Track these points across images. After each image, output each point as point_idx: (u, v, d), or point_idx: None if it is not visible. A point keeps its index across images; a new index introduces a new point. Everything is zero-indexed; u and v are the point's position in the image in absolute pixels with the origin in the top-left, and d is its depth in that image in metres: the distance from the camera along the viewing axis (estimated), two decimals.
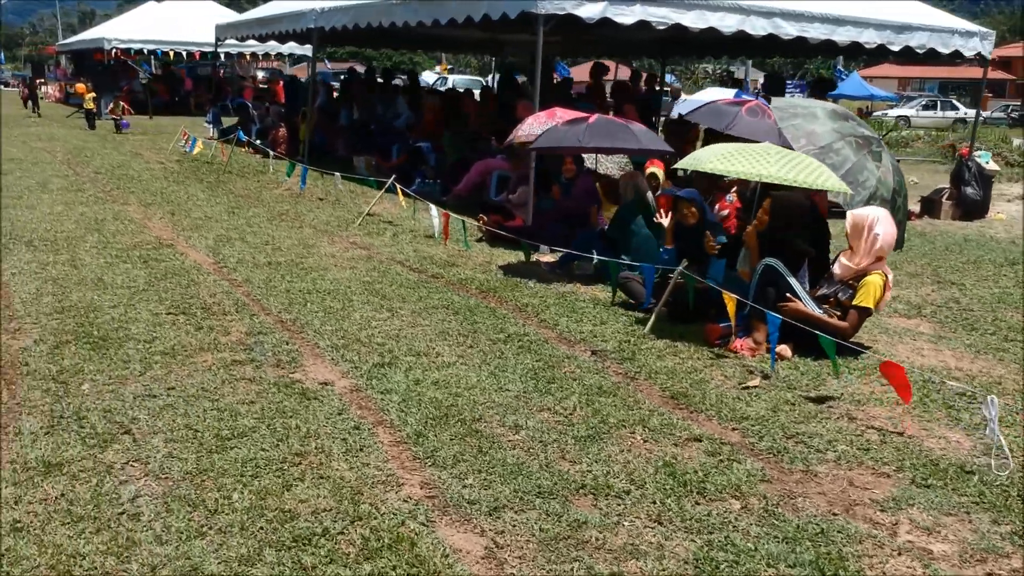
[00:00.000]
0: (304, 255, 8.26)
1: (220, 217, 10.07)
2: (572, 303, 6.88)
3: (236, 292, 6.84)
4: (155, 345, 5.47)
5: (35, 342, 5.46)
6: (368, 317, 6.28)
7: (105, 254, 7.96)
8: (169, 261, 7.84)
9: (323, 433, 4.25)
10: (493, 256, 8.62)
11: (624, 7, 10.07)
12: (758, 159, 6.13)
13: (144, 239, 8.67)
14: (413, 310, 6.50)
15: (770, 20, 11.07)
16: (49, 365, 5.05)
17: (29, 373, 4.92)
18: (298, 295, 6.79)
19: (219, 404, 4.55)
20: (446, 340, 5.83)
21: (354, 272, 7.65)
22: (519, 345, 5.73)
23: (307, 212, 10.73)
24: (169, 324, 5.94)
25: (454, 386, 4.95)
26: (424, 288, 7.16)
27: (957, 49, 12.60)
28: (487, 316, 6.40)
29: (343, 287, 7.09)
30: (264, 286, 7.03)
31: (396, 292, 7.01)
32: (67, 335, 5.62)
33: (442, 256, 8.53)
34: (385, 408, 4.60)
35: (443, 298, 6.89)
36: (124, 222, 9.56)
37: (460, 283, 7.42)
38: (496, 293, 7.14)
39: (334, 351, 5.52)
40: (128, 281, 7.02)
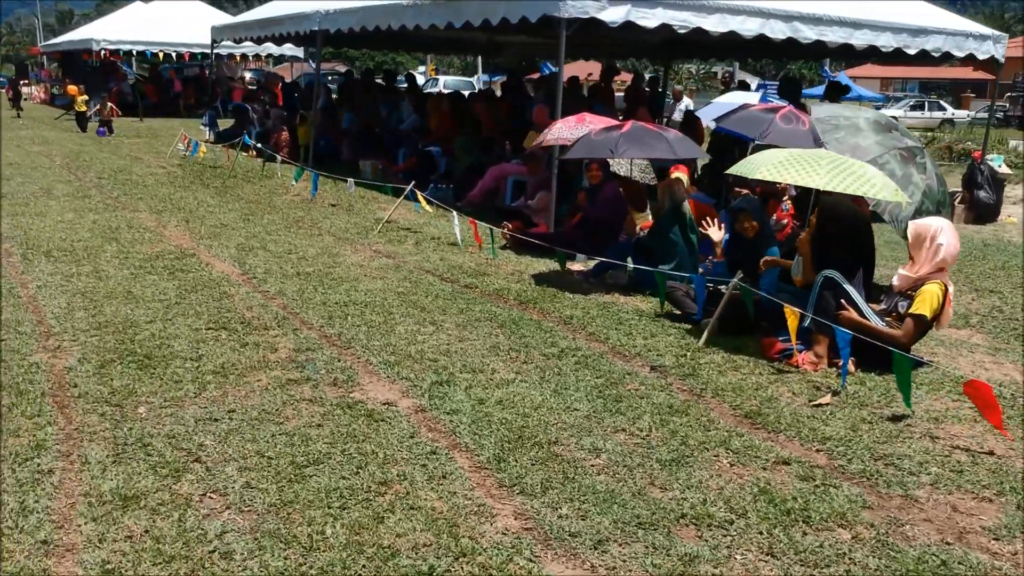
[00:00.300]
0: (331, 264, 8.08)
1: (236, 224, 9.86)
2: (616, 314, 6.74)
3: (272, 305, 6.66)
4: (204, 363, 5.28)
5: (79, 361, 5.27)
6: (412, 331, 6.12)
7: (128, 264, 7.76)
8: (195, 272, 7.64)
9: (400, 459, 4.09)
10: (522, 265, 8.48)
11: (647, 10, 9.98)
12: (811, 166, 6.01)
13: (164, 248, 8.46)
14: (457, 323, 6.34)
15: (789, 24, 11.01)
16: (99, 387, 4.86)
17: (81, 395, 4.73)
18: (336, 308, 6.62)
19: (285, 428, 4.37)
20: (498, 355, 5.68)
21: (386, 283, 7.48)
22: (575, 361, 5.59)
23: (323, 219, 10.54)
24: (212, 340, 5.75)
25: (520, 406, 4.79)
26: (461, 299, 7.01)
27: (971, 52, 12.53)
28: (534, 329, 6.25)
29: (379, 299, 6.92)
30: (299, 298, 6.86)
31: (434, 304, 6.85)
32: (109, 353, 5.42)
33: (470, 265, 8.37)
34: (456, 431, 4.44)
35: (484, 310, 6.73)
36: (139, 230, 9.35)
37: (496, 294, 7.27)
38: (536, 304, 6.99)
39: (388, 368, 5.35)
40: (158, 294, 6.82)
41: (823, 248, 5.70)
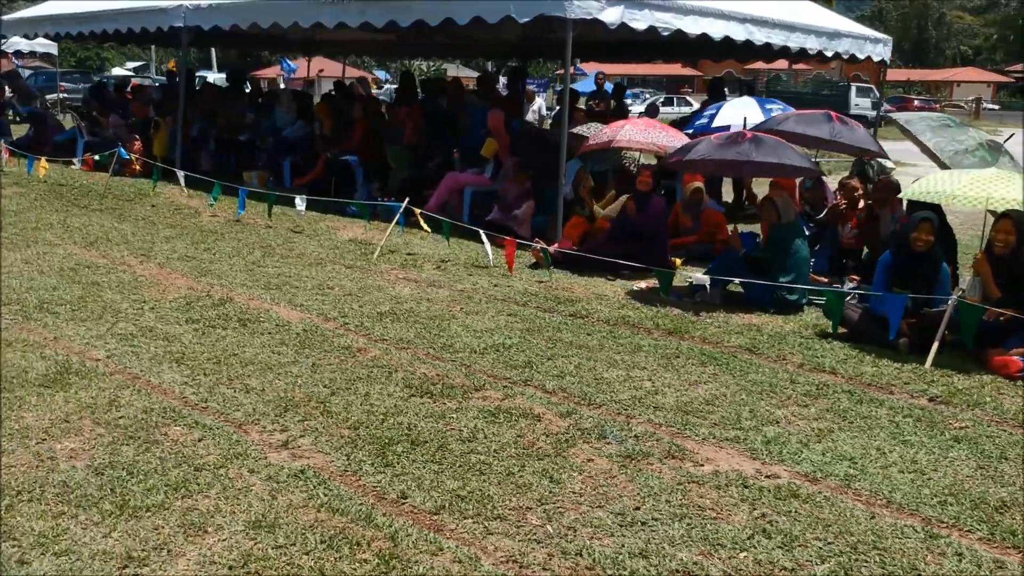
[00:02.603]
0: (396, 299, 7.20)
1: (217, 259, 8.50)
2: (784, 338, 6.44)
3: (423, 357, 5.76)
4: (492, 445, 4.40)
5: (355, 463, 4.14)
6: (631, 378, 5.49)
7: (175, 319, 6.43)
8: (269, 321, 6.44)
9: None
10: (590, 285, 7.94)
11: (636, 12, 9.66)
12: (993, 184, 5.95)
13: (183, 294, 7.13)
14: (654, 365, 5.80)
15: (743, 25, 11.06)
16: (422, 494, 3.83)
17: (400, 506, 3.69)
18: (502, 354, 5.87)
19: (707, 528, 3.63)
20: (762, 399, 5.18)
21: (492, 319, 6.72)
22: (855, 399, 5.16)
23: (296, 245, 9.32)
24: (448, 412, 4.77)
25: (879, 462, 4.34)
26: (601, 334, 6.46)
27: (869, 54, 13.21)
28: (740, 365, 5.81)
29: (520, 339, 6.23)
30: (439, 346, 5.98)
31: (588, 342, 6.24)
32: (365, 442, 4.33)
33: (535, 289, 7.69)
34: (878, 496, 3.88)
35: (652, 345, 6.16)
36: (109, 271, 7.80)
37: (626, 323, 6.74)
38: (688, 333, 6.50)
39: (686, 428, 4.72)
40: (279, 356, 5.72)
41: (1014, 265, 5.65)
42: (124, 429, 4.40)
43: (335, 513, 3.61)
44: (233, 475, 3.92)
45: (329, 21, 11.29)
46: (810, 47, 12.13)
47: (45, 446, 4.20)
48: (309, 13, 11.38)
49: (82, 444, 4.24)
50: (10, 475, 3.88)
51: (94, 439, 4.29)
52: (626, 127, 8.91)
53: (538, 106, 17.43)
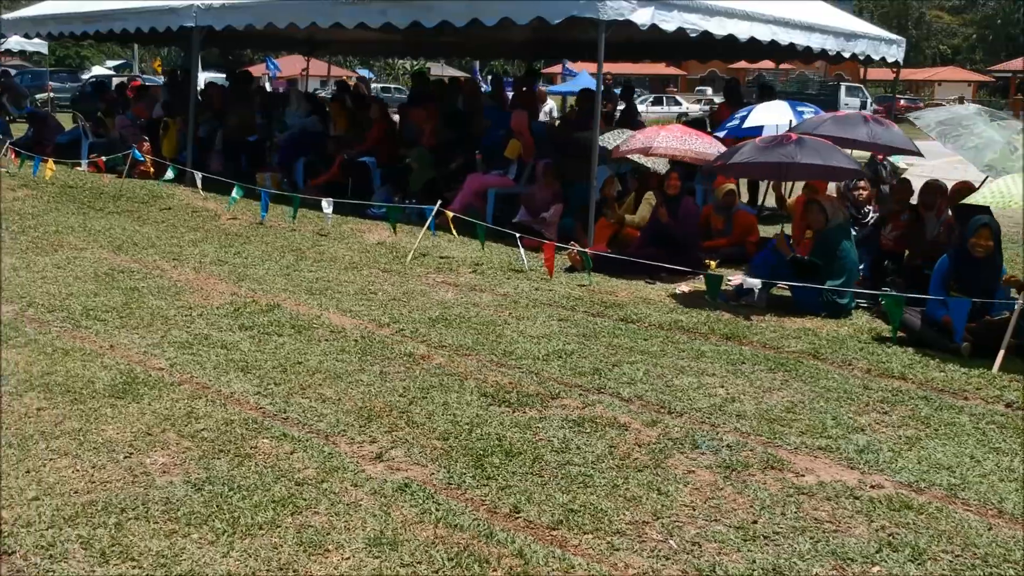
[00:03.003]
0: (442, 304, 7.13)
1: (251, 263, 8.38)
2: (844, 342, 6.45)
3: (489, 365, 5.70)
4: (587, 455, 4.33)
5: (445, 469, 4.06)
6: (704, 384, 5.44)
7: (225, 325, 6.33)
8: (322, 327, 6.36)
9: None
10: (629, 288, 7.94)
11: (666, 14, 9.63)
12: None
13: (228, 300, 7.02)
14: (720, 370, 5.75)
15: (767, 26, 11.05)
16: (533, 508, 3.78)
17: (515, 520, 3.62)
18: (565, 360, 5.80)
19: (831, 542, 3.59)
20: (841, 406, 5.17)
21: (543, 325, 6.65)
22: (935, 406, 5.15)
23: (328, 249, 9.19)
24: (523, 423, 4.72)
25: (976, 471, 4.37)
26: (658, 338, 6.42)
27: (884, 55, 13.24)
28: (808, 370, 5.78)
29: (577, 345, 6.16)
30: (497, 351, 5.95)
31: (646, 347, 6.19)
32: (459, 453, 4.26)
33: (578, 293, 7.65)
34: (987, 506, 3.85)
35: (713, 350, 6.14)
36: (144, 277, 7.68)
37: (679, 327, 6.72)
38: (745, 337, 6.48)
39: (775, 437, 4.68)
40: (342, 364, 5.65)
41: None
42: (211, 442, 4.30)
43: (453, 528, 3.53)
44: (338, 489, 3.84)
45: (349, 22, 11.18)
46: (829, 48, 12.14)
47: (135, 460, 4.10)
48: (329, 13, 11.26)
49: (172, 458, 4.13)
50: (108, 491, 3.78)
51: (182, 452, 4.19)
52: (662, 134, 8.86)
53: (550, 107, 17.36)
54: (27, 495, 3.73)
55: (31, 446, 4.21)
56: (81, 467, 4.01)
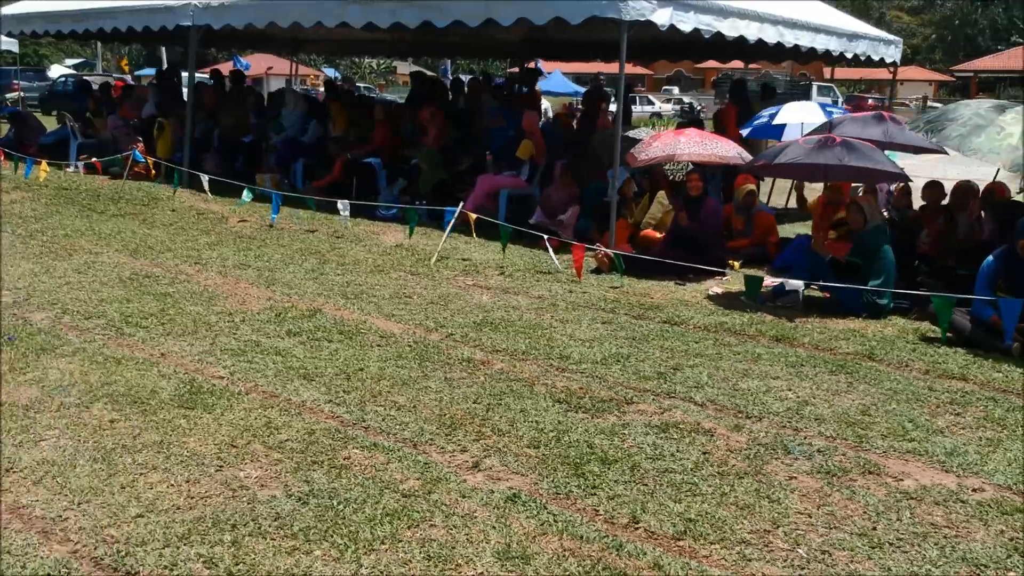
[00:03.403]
0: (480, 308, 7.05)
1: (275, 267, 8.26)
2: (895, 342, 6.46)
3: (550, 371, 5.61)
4: (686, 466, 4.28)
5: (547, 478, 4.00)
6: (772, 388, 5.44)
7: (271, 331, 6.23)
8: (368, 333, 6.27)
9: None
10: (663, 290, 7.91)
11: (683, 14, 9.63)
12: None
13: (274, 306, 6.88)
14: (780, 372, 5.73)
15: (776, 28, 11.08)
16: (650, 517, 3.74)
17: (635, 531, 3.57)
18: (627, 366, 5.75)
19: (958, 548, 3.59)
20: (913, 408, 5.20)
21: (593, 328, 6.66)
22: (1006, 407, 5.21)
23: (349, 251, 9.08)
24: (607, 430, 4.67)
25: None
26: (708, 341, 6.39)
27: (882, 56, 13.36)
28: (868, 372, 5.79)
29: (632, 348, 6.13)
30: (552, 355, 5.89)
31: (696, 350, 6.17)
32: (555, 461, 4.19)
33: (612, 295, 7.65)
34: None
35: (768, 353, 6.15)
36: (169, 282, 7.54)
37: (723, 329, 6.69)
38: (793, 339, 6.49)
39: (861, 441, 4.69)
40: (405, 373, 5.55)
41: None
42: (301, 453, 4.20)
43: (579, 540, 3.47)
44: (448, 501, 3.76)
45: (357, 21, 11.06)
46: (832, 48, 12.22)
47: (228, 473, 3.98)
48: (336, 13, 11.12)
49: (265, 470, 4.03)
50: (211, 506, 3.67)
51: (274, 464, 4.08)
52: (682, 140, 8.85)
53: (545, 107, 17.32)
54: (130, 512, 3.61)
55: (116, 460, 4.08)
56: (175, 482, 3.89)
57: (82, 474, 3.92)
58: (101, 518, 3.55)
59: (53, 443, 4.24)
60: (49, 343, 5.72)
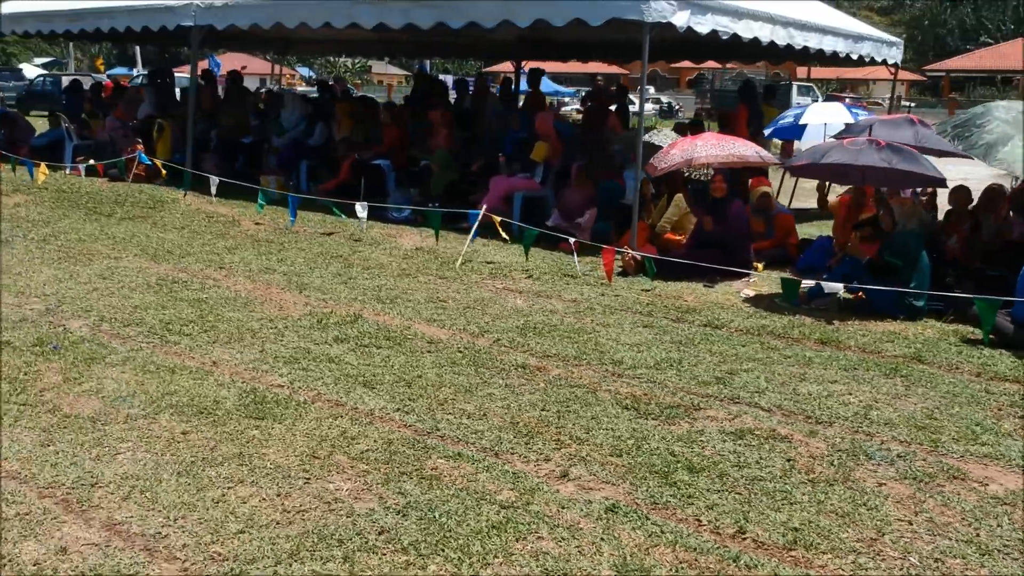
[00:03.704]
0: (516, 313, 7.01)
1: (301, 271, 8.19)
2: (937, 343, 6.50)
3: (607, 375, 5.65)
4: (774, 473, 4.26)
5: (639, 488, 3.96)
6: (833, 392, 5.45)
7: (325, 339, 6.16)
8: (415, 339, 6.20)
9: None
10: (693, 292, 7.92)
11: (701, 16, 9.64)
12: None
13: (313, 312, 6.81)
14: (837, 378, 5.73)
15: (786, 30, 11.12)
16: (755, 528, 3.70)
17: (743, 541, 3.55)
18: (681, 369, 5.75)
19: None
20: (975, 411, 5.23)
21: (636, 332, 6.64)
22: None
23: (371, 256, 9.00)
24: (684, 437, 4.65)
25: None
26: (754, 345, 6.39)
27: (885, 57, 13.47)
28: (922, 375, 5.81)
29: (681, 352, 6.12)
30: (604, 360, 5.87)
31: (745, 353, 6.17)
32: (642, 470, 4.16)
33: (645, 298, 7.64)
34: None
35: (819, 356, 6.15)
36: (214, 287, 7.46)
37: (766, 332, 6.69)
38: (839, 342, 6.50)
39: (936, 445, 4.71)
40: (464, 379, 5.52)
41: None
42: (385, 464, 4.14)
43: (694, 552, 3.44)
44: (549, 512, 3.72)
45: (367, 22, 10.96)
46: (839, 50, 12.29)
47: (318, 486, 3.92)
48: (346, 13, 11.01)
49: (355, 482, 3.97)
50: (308, 520, 3.61)
51: (362, 476, 4.03)
52: (698, 144, 8.85)
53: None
54: (229, 528, 3.54)
55: (200, 473, 4.00)
56: (266, 495, 3.82)
57: (169, 489, 3.84)
58: (202, 535, 3.47)
59: (130, 456, 4.15)
60: (96, 352, 5.60)
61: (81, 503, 3.70)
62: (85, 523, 3.55)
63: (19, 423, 4.48)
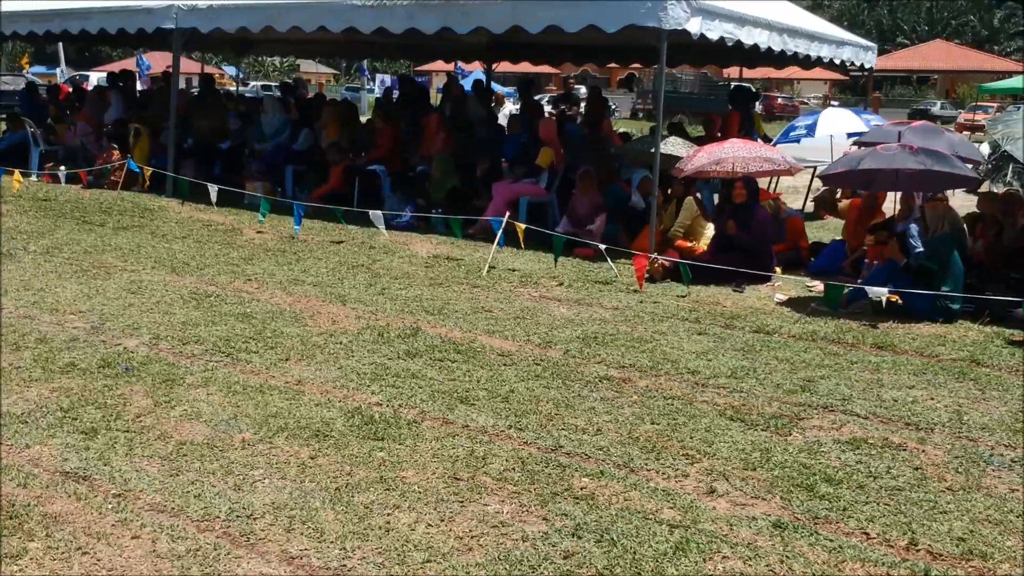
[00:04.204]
0: (573, 322, 7.02)
1: (331, 282, 8.07)
2: (988, 347, 6.69)
3: (693, 386, 5.69)
4: (909, 482, 4.33)
5: (792, 502, 4.01)
6: (916, 398, 5.58)
7: (397, 354, 6.07)
8: (486, 352, 6.21)
9: None
10: (728, 298, 8.02)
11: (710, 23, 9.79)
12: None
13: (369, 325, 6.72)
14: (913, 384, 5.86)
15: (781, 36, 11.33)
16: (927, 540, 3.78)
17: (918, 552, 3.64)
18: (760, 378, 5.82)
19: None
20: None
21: (695, 340, 6.72)
22: None
23: (394, 264, 8.92)
24: (804, 448, 4.71)
25: None
26: (824, 352, 6.50)
27: (863, 62, 13.82)
28: (989, 379, 6.00)
29: (749, 360, 6.20)
30: (679, 370, 5.91)
31: (822, 360, 6.28)
32: (783, 483, 4.21)
33: (684, 304, 7.75)
34: None
35: (884, 361, 6.31)
36: (252, 301, 7.28)
37: (819, 338, 6.82)
38: (895, 346, 6.67)
39: None
40: (556, 392, 5.52)
41: None
42: (531, 483, 4.12)
43: (883, 566, 3.50)
44: (721, 531, 3.74)
45: (366, 26, 10.85)
46: (824, 55, 12.53)
47: (476, 509, 3.89)
48: (345, 17, 10.85)
49: (510, 504, 3.94)
50: (487, 546, 3.57)
51: (514, 496, 4.00)
52: (725, 147, 8.99)
53: (508, 110, 17.27)
54: (414, 558, 3.48)
55: (350, 499, 3.92)
56: (431, 521, 3.76)
57: (329, 517, 3.74)
58: (390, 567, 3.40)
59: (270, 484, 4.03)
60: (170, 373, 5.43)
61: (246, 536, 3.58)
62: (261, 557, 3.43)
63: (134, 452, 4.32)
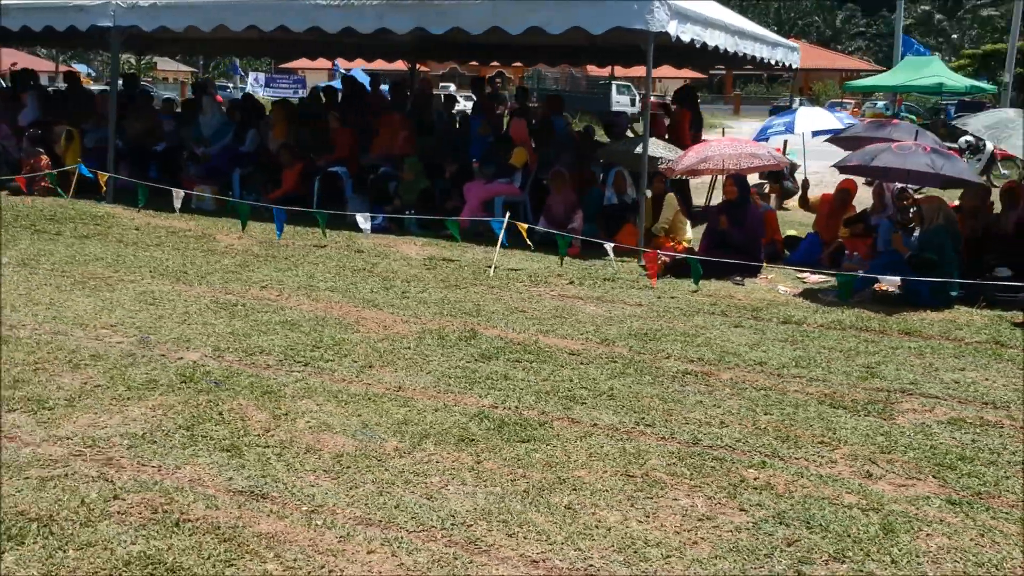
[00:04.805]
0: (611, 320, 7.15)
1: (346, 287, 7.97)
2: (1002, 331, 7.12)
3: (765, 376, 5.89)
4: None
5: (954, 487, 4.28)
6: (973, 380, 5.92)
7: (472, 357, 6.06)
8: (554, 352, 6.27)
9: None
10: (735, 290, 8.30)
11: (683, 26, 10.11)
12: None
13: (424, 329, 6.67)
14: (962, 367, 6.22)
15: (733, 38, 11.80)
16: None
17: None
18: (823, 367, 6.10)
19: None
20: None
21: (736, 333, 6.93)
22: None
23: (395, 268, 8.85)
24: (915, 430, 5.00)
25: None
26: (861, 341, 6.84)
27: (791, 62, 14.51)
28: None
29: (799, 351, 6.49)
30: (743, 361, 6.13)
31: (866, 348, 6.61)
32: (934, 465, 4.48)
33: (700, 298, 7.95)
34: None
35: (922, 347, 6.70)
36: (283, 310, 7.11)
37: (845, 326, 7.15)
38: (921, 332, 7.07)
39: None
40: (648, 388, 5.65)
41: None
42: (705, 478, 4.24)
43: None
44: (910, 511, 3.94)
45: (332, 26, 10.66)
46: (765, 56, 13.06)
47: (669, 503, 3.99)
48: (309, 16, 10.63)
49: (692, 497, 4.04)
50: (709, 540, 3.66)
51: (695, 490, 4.11)
52: (712, 145, 9.31)
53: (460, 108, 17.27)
54: (652, 553, 3.58)
55: (545, 500, 3.96)
56: (639, 518, 3.84)
57: (539, 520, 3.77)
58: (636, 562, 3.45)
59: (456, 491, 4.02)
60: (263, 385, 5.29)
61: (474, 543, 3.57)
62: (504, 563, 3.43)
63: (293, 467, 4.21)
